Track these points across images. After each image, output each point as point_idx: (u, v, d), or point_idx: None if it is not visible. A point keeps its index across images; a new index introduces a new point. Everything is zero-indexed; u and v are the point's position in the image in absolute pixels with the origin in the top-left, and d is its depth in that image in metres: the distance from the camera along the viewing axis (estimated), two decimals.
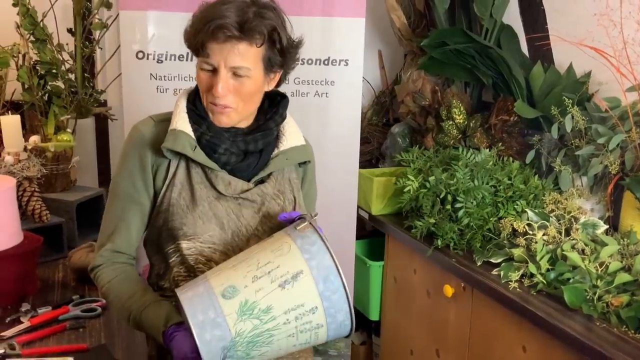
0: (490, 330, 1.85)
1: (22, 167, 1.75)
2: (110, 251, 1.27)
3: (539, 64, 2.29)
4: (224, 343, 1.07)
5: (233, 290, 1.10)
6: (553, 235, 1.81)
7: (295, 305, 1.11)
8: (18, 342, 1.34)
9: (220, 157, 1.25)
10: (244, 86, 1.22)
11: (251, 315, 1.09)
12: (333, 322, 1.16)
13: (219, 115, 1.24)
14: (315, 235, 1.15)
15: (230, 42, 1.18)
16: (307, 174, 1.44)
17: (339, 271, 1.13)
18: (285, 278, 1.10)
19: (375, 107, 3.06)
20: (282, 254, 1.13)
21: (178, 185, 1.25)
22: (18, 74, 1.92)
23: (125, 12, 2.20)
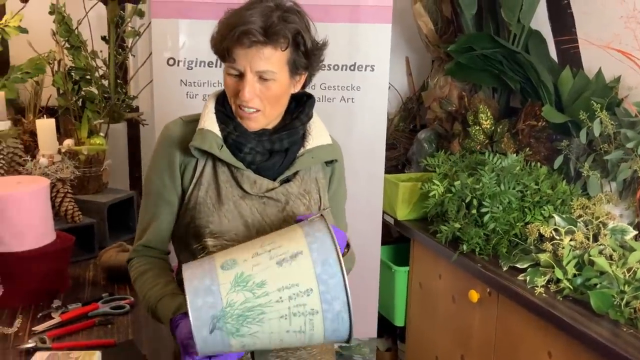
0: (516, 336, 1.83)
1: (56, 169, 1.81)
2: (143, 246, 1.32)
3: (567, 68, 2.27)
4: (214, 312, 1.08)
5: (232, 262, 1.11)
6: (580, 241, 1.79)
7: (290, 284, 1.10)
8: (49, 337, 1.38)
9: (246, 156, 1.28)
10: (270, 90, 1.24)
11: (244, 288, 1.09)
12: (329, 311, 1.12)
13: (247, 120, 1.26)
14: (323, 224, 1.15)
15: (255, 47, 1.19)
16: (334, 174, 1.43)
17: (339, 257, 1.11)
18: (284, 257, 1.11)
19: (403, 113, 3.07)
20: (287, 237, 1.14)
21: (205, 184, 1.28)
22: (53, 80, 1.99)
23: (157, 20, 2.26)
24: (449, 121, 2.57)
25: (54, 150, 1.85)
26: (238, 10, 1.24)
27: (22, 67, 2.09)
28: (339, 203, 1.48)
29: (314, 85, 2.31)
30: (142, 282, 1.28)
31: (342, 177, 1.47)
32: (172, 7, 2.24)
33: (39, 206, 1.58)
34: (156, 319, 1.26)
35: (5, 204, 1.51)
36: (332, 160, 1.40)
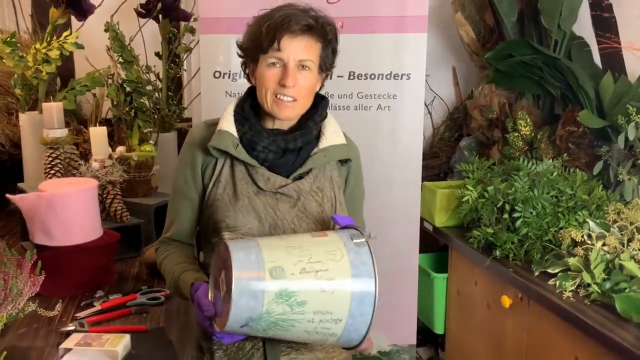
0: (545, 341, 1.81)
1: (107, 172, 1.97)
2: (167, 238, 1.45)
3: (608, 74, 2.23)
4: (252, 314, 1.14)
5: (281, 272, 1.15)
6: (614, 246, 1.75)
7: (325, 311, 1.18)
8: (88, 322, 1.51)
9: (259, 154, 1.36)
10: (306, 80, 1.33)
11: (286, 302, 1.15)
12: (345, 337, 1.23)
13: (285, 108, 1.33)
14: (369, 257, 1.20)
15: (302, 35, 1.29)
16: (350, 174, 1.49)
17: (375, 300, 1.18)
18: (329, 284, 1.16)
19: (448, 122, 3.09)
20: (333, 260, 1.18)
21: (223, 181, 1.37)
22: (107, 91, 2.16)
23: (205, 36, 2.41)
24: (490, 129, 2.57)
25: (106, 155, 2.01)
26: (272, 11, 1.33)
27: (81, 81, 2.28)
28: (356, 202, 1.53)
29: (351, 94, 2.39)
30: (167, 262, 1.40)
31: (359, 176, 1.53)
32: (219, 24, 2.39)
33: (86, 204, 1.73)
34: (178, 293, 1.36)
35: (55, 202, 1.67)
36: (347, 160, 1.46)
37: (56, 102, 2.04)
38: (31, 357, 1.35)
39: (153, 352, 1.38)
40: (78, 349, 1.33)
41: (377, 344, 2.52)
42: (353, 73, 2.35)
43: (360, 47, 2.32)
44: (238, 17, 2.41)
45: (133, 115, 2.20)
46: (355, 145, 1.51)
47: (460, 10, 2.72)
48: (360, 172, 1.53)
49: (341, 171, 1.47)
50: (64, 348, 1.33)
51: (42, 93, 2.23)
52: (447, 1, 2.84)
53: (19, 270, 1.35)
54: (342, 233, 1.25)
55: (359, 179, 1.53)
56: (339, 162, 1.45)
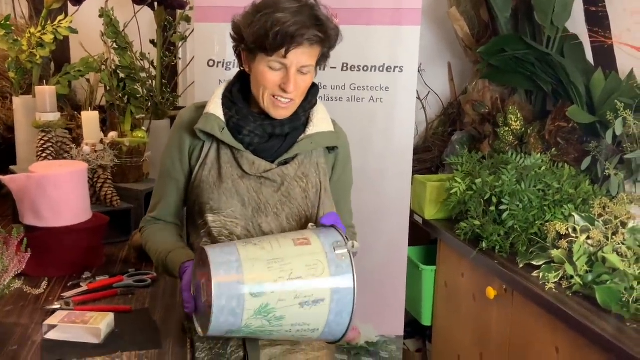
0: (528, 332, 1.83)
1: (98, 156, 1.98)
2: (152, 217, 1.48)
3: (599, 70, 2.24)
4: (231, 327, 1.18)
5: (261, 290, 1.18)
6: (598, 239, 1.77)
7: (303, 323, 1.22)
8: (74, 301, 1.52)
9: (245, 138, 1.37)
10: (305, 82, 1.34)
11: (265, 318, 1.19)
12: (323, 338, 1.29)
13: (282, 110, 1.35)
14: (349, 269, 1.23)
15: (310, 47, 1.29)
16: (337, 161, 1.50)
17: (352, 311, 1.23)
18: (307, 300, 1.20)
19: (443, 118, 3.10)
20: (314, 274, 1.21)
21: (209, 164, 1.39)
22: (100, 77, 2.17)
23: (199, 25, 2.42)
24: (482, 124, 2.59)
25: (97, 139, 2.02)
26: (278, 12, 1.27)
27: (75, 66, 2.30)
28: (342, 190, 1.55)
29: (344, 86, 2.41)
30: (153, 242, 1.42)
31: (346, 164, 1.54)
32: (214, 13, 2.40)
33: (76, 186, 1.74)
34: (167, 272, 1.38)
35: (45, 183, 1.68)
36: (334, 148, 1.47)
37: (49, 86, 2.05)
38: (16, 333, 1.36)
39: (136, 332, 1.39)
40: (62, 325, 1.35)
41: (364, 335, 2.55)
42: (346, 64, 2.36)
43: (354, 39, 2.33)
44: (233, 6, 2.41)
45: (126, 102, 2.21)
46: (344, 134, 1.53)
47: (455, 5, 2.74)
48: (348, 161, 1.55)
49: (328, 158, 1.48)
50: (49, 324, 1.35)
51: (36, 77, 2.24)
52: None
53: (5, 247, 1.37)
54: (325, 239, 1.26)
55: (346, 167, 1.54)
56: (326, 149, 1.47)
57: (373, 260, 2.46)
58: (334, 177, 1.51)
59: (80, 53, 2.43)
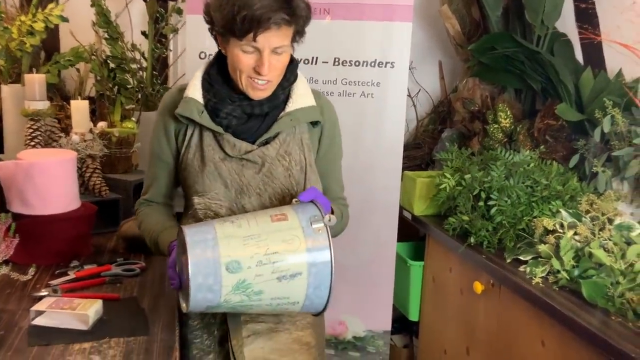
0: (515, 326, 1.84)
1: (87, 146, 1.97)
2: (145, 199, 1.50)
3: (588, 69, 2.27)
4: (210, 304, 1.19)
5: (237, 266, 1.19)
6: (585, 235, 1.79)
7: (282, 297, 1.22)
8: (61, 288, 1.52)
9: (223, 120, 1.36)
10: (280, 62, 1.33)
11: (243, 293, 1.20)
12: (305, 311, 1.29)
13: (259, 91, 1.34)
14: (326, 244, 1.22)
15: (278, 29, 1.28)
16: (323, 134, 1.47)
17: (331, 283, 1.23)
18: (285, 274, 1.20)
19: (433, 115, 3.12)
20: (290, 249, 1.21)
21: (193, 147, 1.40)
22: (91, 66, 2.16)
23: (191, 17, 2.41)
24: (472, 121, 2.60)
25: (86, 129, 2.01)
26: None
27: (65, 55, 2.28)
28: (330, 162, 1.52)
29: (335, 80, 2.41)
30: (146, 223, 1.44)
31: (333, 136, 1.51)
32: None
33: (64, 175, 1.73)
34: (159, 251, 1.40)
35: (33, 171, 1.67)
36: (317, 122, 1.44)
37: (39, 74, 2.04)
38: (2, 319, 1.35)
39: (124, 319, 1.39)
40: (50, 311, 1.34)
41: (352, 329, 2.56)
42: (338, 59, 2.37)
43: (346, 34, 2.34)
44: None
45: (116, 92, 2.20)
46: (329, 105, 1.50)
47: (447, 3, 2.75)
48: (335, 132, 1.52)
49: (313, 133, 1.46)
50: (36, 310, 1.34)
51: (25, 66, 2.23)
52: None
53: None
54: (302, 214, 1.26)
55: (333, 139, 1.51)
56: (309, 124, 1.45)
57: (362, 255, 2.47)
58: (320, 151, 1.48)
59: (70, 42, 2.42)
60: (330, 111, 1.50)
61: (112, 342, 1.28)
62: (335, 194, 1.54)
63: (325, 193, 1.47)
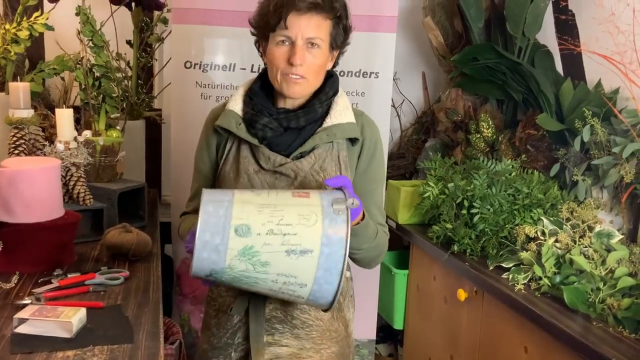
0: (498, 333, 1.86)
1: (71, 154, 1.96)
2: (185, 213, 1.56)
3: (568, 80, 2.31)
4: (215, 267, 1.16)
5: (247, 230, 1.15)
6: (566, 242, 1.82)
7: (289, 274, 1.16)
8: (45, 297, 1.50)
9: (258, 132, 1.38)
10: (316, 58, 1.33)
11: (249, 260, 1.15)
12: (313, 301, 1.22)
13: (293, 85, 1.34)
14: (344, 226, 1.16)
15: (309, 13, 1.30)
16: (362, 153, 1.45)
17: (342, 270, 1.16)
18: (295, 248, 1.15)
19: (416, 125, 3.15)
20: (305, 224, 1.15)
21: (230, 159, 1.43)
22: (75, 75, 2.16)
23: (177, 26, 2.43)
24: (455, 131, 2.63)
25: (71, 137, 2.00)
26: None
27: (50, 63, 2.28)
28: (369, 182, 1.47)
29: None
30: (185, 222, 1.50)
31: (373, 157, 1.47)
32: (191, 14, 2.41)
33: (48, 182, 1.72)
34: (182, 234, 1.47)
35: (17, 179, 1.66)
36: (356, 139, 1.42)
37: (23, 82, 2.03)
38: None
39: (108, 327, 1.38)
40: (33, 319, 1.33)
41: None
42: None
43: None
44: (210, 9, 2.45)
45: (101, 100, 2.20)
46: (371, 125, 1.48)
47: (430, 15, 2.79)
48: (376, 153, 1.48)
49: (352, 150, 1.44)
50: (19, 318, 1.33)
51: (9, 74, 2.22)
52: (419, 7, 2.91)
53: None
54: (326, 195, 1.21)
55: (373, 158, 1.47)
56: (349, 142, 1.43)
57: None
58: (359, 169, 1.46)
59: (55, 51, 2.41)
60: (372, 131, 1.47)
61: (96, 350, 1.27)
62: (373, 219, 1.45)
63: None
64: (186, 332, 2.53)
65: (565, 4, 2.34)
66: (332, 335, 1.45)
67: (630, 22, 1.95)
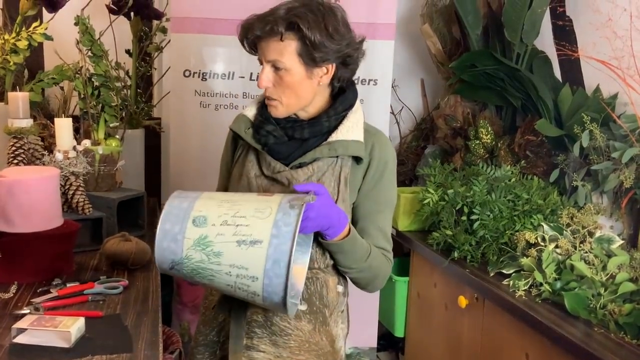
0: (499, 339, 1.85)
1: (70, 163, 1.96)
2: None
3: (567, 86, 2.31)
4: (174, 257, 1.22)
5: (203, 221, 1.22)
6: (566, 248, 1.81)
7: (240, 265, 1.20)
8: (44, 307, 1.50)
9: (261, 138, 1.41)
10: (282, 80, 1.34)
11: (203, 251, 1.21)
12: (267, 299, 1.23)
13: (273, 108, 1.39)
14: (294, 219, 1.18)
15: (267, 38, 1.32)
16: (368, 173, 1.41)
17: (289, 262, 1.17)
18: (245, 239, 1.19)
19: (416, 132, 3.15)
20: (259, 217, 1.20)
21: (239, 161, 1.47)
22: (74, 84, 2.16)
23: (175, 35, 2.44)
24: (454, 138, 2.64)
25: (70, 147, 2.00)
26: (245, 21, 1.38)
27: (49, 73, 2.28)
28: (373, 204, 1.42)
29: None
30: None
31: (381, 179, 1.42)
32: (190, 23, 2.42)
33: (47, 192, 1.71)
34: None
35: (16, 188, 1.65)
36: (360, 158, 1.38)
37: (22, 92, 2.03)
38: None
39: (107, 336, 1.37)
40: (32, 329, 1.32)
41: None
42: None
43: None
44: (209, 18, 2.46)
45: (100, 110, 2.20)
46: (383, 146, 1.43)
47: (428, 23, 2.80)
48: (384, 175, 1.43)
49: (356, 169, 1.40)
50: (18, 328, 1.32)
51: (8, 84, 2.22)
52: (417, 15, 2.92)
53: None
54: (289, 196, 1.26)
55: (380, 181, 1.42)
56: (354, 160, 1.40)
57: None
58: (362, 189, 1.41)
59: (54, 61, 2.42)
60: (383, 151, 1.42)
61: None
62: (374, 242, 1.41)
63: (361, 236, 1.39)
64: (186, 341, 2.52)
65: (563, 10, 2.34)
66: (312, 348, 1.40)
67: (627, 27, 1.95)
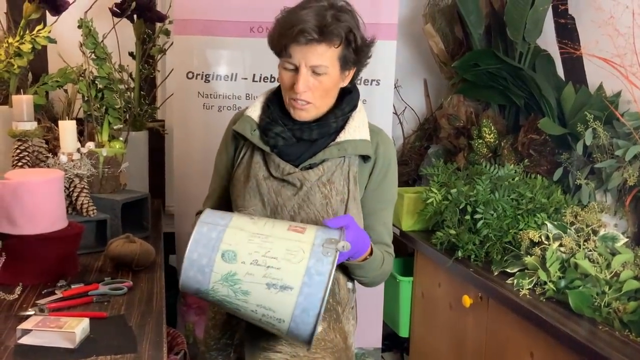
0: (503, 338, 1.85)
1: (74, 165, 1.97)
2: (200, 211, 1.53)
3: (570, 84, 2.31)
4: (199, 287, 1.20)
5: (233, 257, 1.18)
6: (570, 246, 1.81)
7: (268, 307, 1.19)
8: (48, 308, 1.50)
9: (270, 139, 1.41)
10: (322, 84, 1.34)
11: (230, 287, 1.19)
12: (291, 337, 1.24)
13: (299, 111, 1.37)
14: (327, 268, 1.17)
15: (310, 45, 1.30)
16: (374, 171, 1.45)
17: (320, 312, 1.17)
18: (275, 282, 1.17)
19: (419, 132, 3.15)
20: (290, 260, 1.17)
21: (243, 163, 1.46)
22: (78, 87, 2.18)
23: (178, 37, 2.44)
24: (457, 137, 2.63)
25: (74, 149, 2.01)
26: (294, 9, 1.36)
27: (53, 76, 2.29)
28: (378, 201, 1.47)
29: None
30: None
31: (385, 177, 1.47)
32: (193, 25, 2.43)
33: (51, 194, 1.72)
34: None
35: (20, 191, 1.66)
36: (368, 157, 1.42)
37: (26, 95, 2.04)
38: None
39: (112, 337, 1.38)
40: (36, 330, 1.33)
41: None
42: None
43: None
44: (212, 19, 2.47)
45: (104, 112, 2.21)
46: (387, 144, 1.47)
47: (430, 22, 2.80)
48: (388, 173, 1.48)
49: (363, 167, 1.44)
50: (22, 329, 1.33)
51: (13, 87, 2.23)
52: (419, 14, 2.92)
53: None
54: (321, 233, 1.23)
55: (385, 178, 1.47)
56: (361, 159, 1.43)
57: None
58: (369, 187, 1.45)
59: (58, 64, 2.43)
60: (387, 150, 1.47)
61: None
62: (379, 237, 1.47)
63: (367, 232, 1.42)
64: (191, 342, 2.52)
65: (565, 8, 2.34)
66: (327, 346, 1.42)
67: (629, 24, 1.95)
